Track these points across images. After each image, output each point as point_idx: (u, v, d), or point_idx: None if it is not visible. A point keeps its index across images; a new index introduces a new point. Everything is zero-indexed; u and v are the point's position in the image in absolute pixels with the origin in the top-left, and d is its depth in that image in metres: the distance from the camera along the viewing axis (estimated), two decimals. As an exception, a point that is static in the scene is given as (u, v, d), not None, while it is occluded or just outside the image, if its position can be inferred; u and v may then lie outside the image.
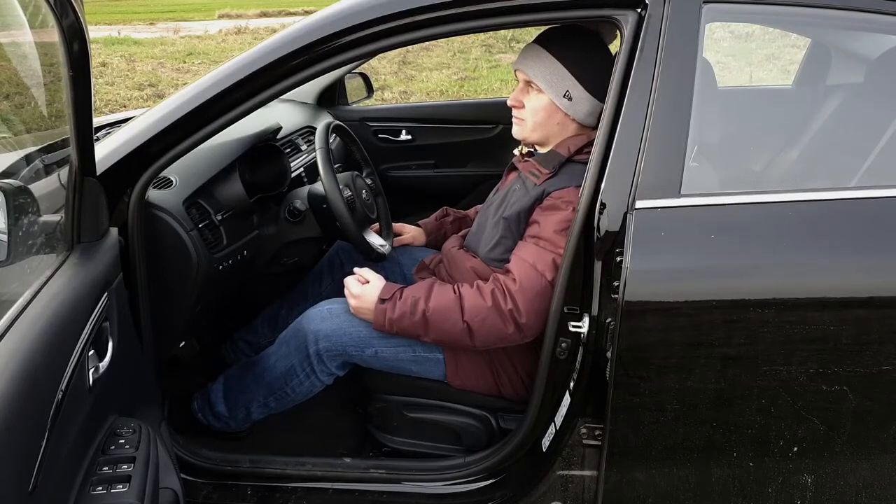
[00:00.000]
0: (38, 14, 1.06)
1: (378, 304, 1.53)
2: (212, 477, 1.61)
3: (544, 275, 1.43)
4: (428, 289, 1.51)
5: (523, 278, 1.44)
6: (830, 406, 1.26)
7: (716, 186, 1.40)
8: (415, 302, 1.49)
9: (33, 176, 1.22)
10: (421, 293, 1.50)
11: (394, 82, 7.96)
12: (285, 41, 1.35)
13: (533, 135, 1.59)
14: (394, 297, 1.52)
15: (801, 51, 2.03)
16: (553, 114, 1.55)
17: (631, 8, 1.30)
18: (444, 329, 1.48)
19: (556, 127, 1.57)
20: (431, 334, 1.50)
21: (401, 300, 1.51)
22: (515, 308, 1.43)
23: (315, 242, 2.03)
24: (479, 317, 1.46)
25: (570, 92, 1.52)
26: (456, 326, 1.47)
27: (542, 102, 1.55)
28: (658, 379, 1.27)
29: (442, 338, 1.50)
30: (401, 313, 1.50)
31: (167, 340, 1.61)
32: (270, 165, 1.89)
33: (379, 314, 1.52)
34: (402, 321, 1.50)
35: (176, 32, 12.61)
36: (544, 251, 1.45)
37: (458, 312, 1.46)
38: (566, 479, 1.48)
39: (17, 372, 0.85)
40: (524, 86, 1.57)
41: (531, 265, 1.45)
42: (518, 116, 1.59)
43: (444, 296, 1.49)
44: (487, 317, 1.45)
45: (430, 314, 1.48)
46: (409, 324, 1.50)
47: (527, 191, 1.56)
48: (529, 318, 1.44)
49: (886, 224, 1.25)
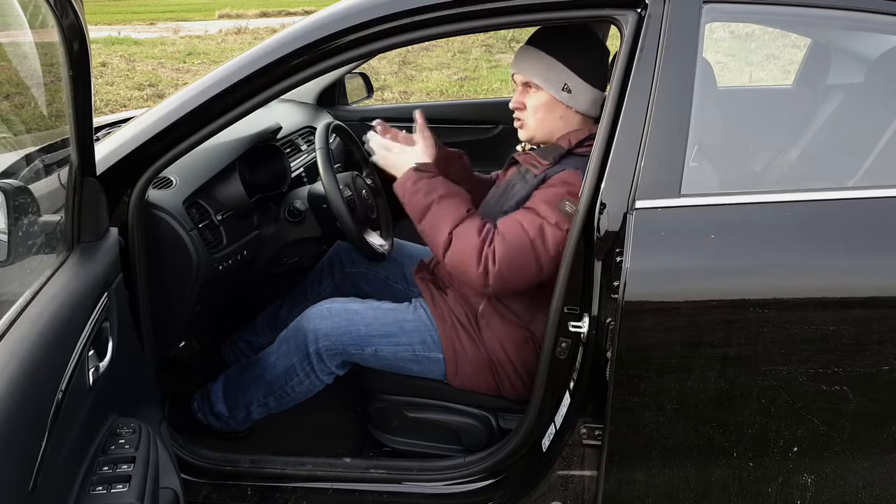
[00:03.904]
0: (38, 14, 1.06)
1: (412, 170, 1.57)
2: (212, 477, 1.61)
3: (527, 232, 1.45)
4: (451, 192, 1.54)
5: (506, 231, 1.46)
6: (830, 406, 1.26)
7: (716, 186, 1.41)
8: (433, 190, 1.53)
9: (33, 176, 1.22)
10: (443, 189, 1.54)
11: (394, 82, 7.97)
12: (285, 41, 1.35)
13: (538, 133, 1.60)
14: (427, 173, 1.56)
15: (801, 51, 2.03)
16: (553, 108, 1.57)
17: (631, 8, 1.30)
18: (433, 228, 1.52)
19: (559, 121, 1.58)
20: (423, 222, 1.54)
21: (428, 180, 1.55)
22: (492, 255, 1.45)
23: (315, 242, 2.03)
24: (461, 240, 1.48)
25: (568, 84, 1.54)
26: (441, 235, 1.50)
27: (541, 99, 1.56)
28: (658, 379, 1.27)
29: (426, 231, 1.54)
30: (419, 188, 1.54)
31: (167, 340, 1.61)
32: (270, 165, 1.89)
33: (409, 177, 1.56)
34: (415, 195, 1.54)
35: (176, 32, 12.62)
36: (532, 215, 1.47)
37: (451, 224, 1.49)
38: (566, 479, 1.48)
39: (17, 372, 0.85)
40: (523, 88, 1.59)
41: (517, 222, 1.47)
42: (520, 118, 1.61)
43: (454, 206, 1.52)
44: (468, 245, 1.47)
45: (434, 209, 1.51)
46: (418, 201, 1.54)
47: (526, 182, 1.57)
48: (500, 267, 1.44)
49: (886, 224, 1.25)
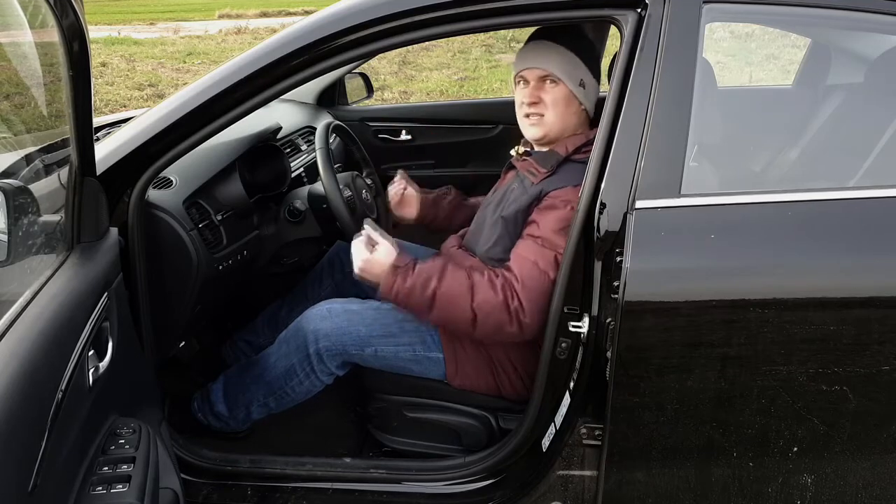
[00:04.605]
0: (38, 14, 1.05)
1: (390, 270, 1.49)
2: (212, 477, 1.61)
3: (547, 273, 1.43)
4: (441, 269, 1.48)
5: (525, 276, 1.43)
6: (830, 406, 1.26)
7: (716, 186, 1.40)
8: (427, 279, 1.46)
9: (33, 176, 1.22)
10: (435, 272, 1.47)
11: (394, 82, 7.96)
12: (285, 41, 1.35)
13: (554, 128, 1.57)
14: (406, 268, 1.48)
15: (801, 51, 2.03)
16: (571, 103, 1.57)
17: (631, 8, 1.30)
18: (450, 313, 1.46)
19: (573, 117, 1.58)
20: (435, 315, 1.47)
21: (413, 273, 1.47)
22: (520, 306, 1.43)
23: (315, 242, 2.03)
24: (486, 309, 1.44)
25: (583, 80, 1.56)
26: (463, 314, 1.44)
27: (561, 93, 1.55)
28: (658, 379, 1.26)
29: (444, 320, 1.49)
30: (411, 286, 1.46)
31: (167, 340, 1.61)
32: (270, 165, 1.89)
33: (388, 281, 1.48)
34: (410, 295, 1.47)
35: (176, 32, 12.62)
36: (544, 249, 1.44)
37: (468, 300, 1.44)
38: (566, 479, 1.48)
39: (17, 372, 0.85)
40: (538, 83, 1.56)
41: (533, 263, 1.44)
42: (537, 112, 1.56)
43: (456, 280, 1.46)
44: (494, 310, 1.44)
45: (440, 296, 1.45)
46: (417, 299, 1.47)
47: (524, 189, 1.56)
48: (532, 317, 1.43)
49: (886, 224, 1.25)
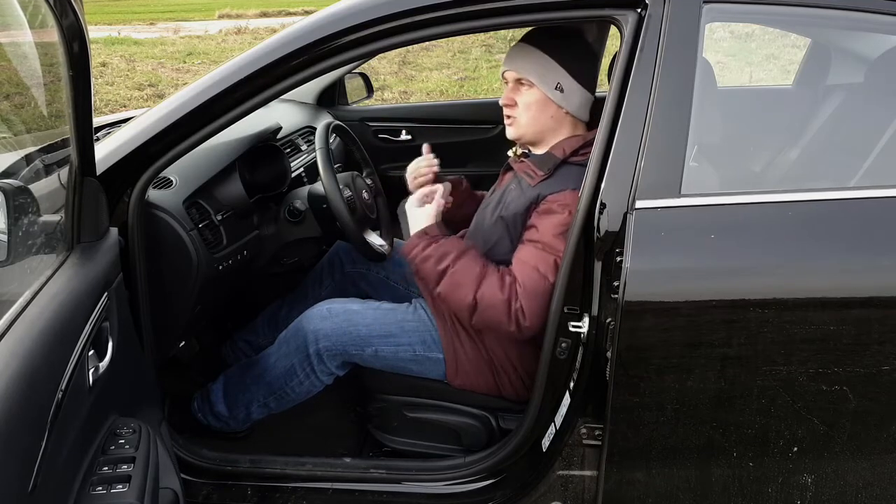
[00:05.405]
0: (38, 14, 1.05)
1: (419, 233, 1.56)
2: (212, 477, 1.61)
3: (546, 277, 1.44)
4: (461, 251, 1.52)
5: (526, 280, 1.45)
6: (830, 406, 1.26)
7: (716, 186, 1.40)
8: (444, 255, 1.51)
9: (33, 176, 1.22)
10: (454, 251, 1.52)
11: (394, 82, 7.97)
12: (285, 41, 1.35)
13: (528, 131, 1.58)
14: (433, 238, 1.54)
15: (801, 51, 2.03)
16: (546, 107, 1.55)
17: (631, 8, 1.30)
18: (454, 293, 1.50)
19: (550, 121, 1.56)
20: (440, 290, 1.52)
21: (436, 244, 1.53)
22: (521, 310, 1.44)
23: (315, 242, 2.03)
24: (487, 302, 1.46)
25: (561, 84, 1.53)
26: (465, 299, 1.48)
27: (534, 97, 1.55)
28: (658, 379, 1.26)
29: (446, 297, 1.52)
30: (428, 255, 1.52)
31: (167, 340, 1.61)
32: (270, 165, 1.89)
33: (413, 242, 1.56)
34: (425, 262, 1.53)
35: (176, 32, 12.62)
36: (544, 253, 1.45)
37: (473, 288, 1.48)
38: (566, 479, 1.48)
39: (17, 372, 0.85)
40: (514, 85, 1.57)
41: (533, 267, 1.45)
42: (511, 115, 1.59)
43: (470, 266, 1.50)
44: (495, 306, 1.46)
45: (450, 275, 1.50)
46: (429, 269, 1.52)
47: (522, 191, 1.56)
48: (532, 320, 1.45)
49: (886, 224, 1.25)
